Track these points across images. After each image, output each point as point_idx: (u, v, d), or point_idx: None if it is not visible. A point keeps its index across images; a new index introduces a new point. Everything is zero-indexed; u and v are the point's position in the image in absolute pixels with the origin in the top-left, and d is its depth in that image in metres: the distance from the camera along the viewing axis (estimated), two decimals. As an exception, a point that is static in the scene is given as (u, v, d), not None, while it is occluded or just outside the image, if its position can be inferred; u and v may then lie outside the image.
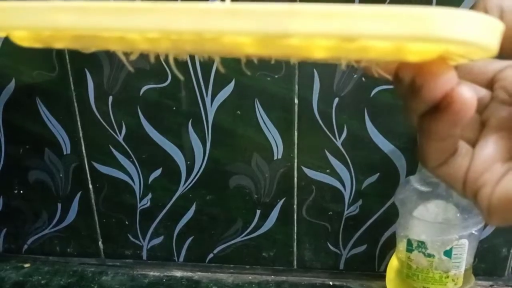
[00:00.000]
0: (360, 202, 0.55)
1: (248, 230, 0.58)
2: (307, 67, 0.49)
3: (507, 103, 0.21)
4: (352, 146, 0.52)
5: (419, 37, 0.15)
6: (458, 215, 0.48)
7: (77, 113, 0.55)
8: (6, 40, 0.51)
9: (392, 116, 0.50)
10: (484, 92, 0.21)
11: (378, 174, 0.53)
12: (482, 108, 0.21)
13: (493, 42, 0.16)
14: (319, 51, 0.17)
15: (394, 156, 0.52)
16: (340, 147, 0.52)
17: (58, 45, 0.19)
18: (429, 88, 0.18)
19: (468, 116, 0.18)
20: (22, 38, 0.18)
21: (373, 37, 0.15)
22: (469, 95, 0.18)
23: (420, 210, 0.49)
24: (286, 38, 0.15)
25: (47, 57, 0.53)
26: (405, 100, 0.19)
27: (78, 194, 0.59)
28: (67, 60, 0.52)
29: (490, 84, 0.21)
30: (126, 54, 0.20)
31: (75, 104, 0.55)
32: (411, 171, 0.52)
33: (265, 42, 0.16)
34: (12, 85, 0.54)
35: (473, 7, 0.19)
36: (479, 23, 0.15)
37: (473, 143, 0.21)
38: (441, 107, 0.18)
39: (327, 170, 0.54)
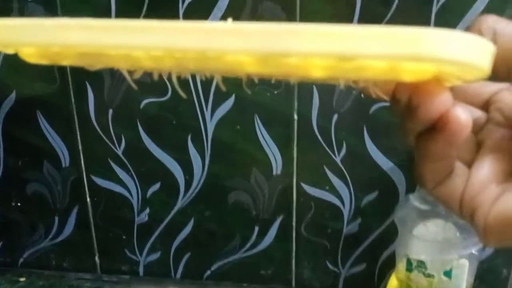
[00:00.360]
0: (359, 220, 0.54)
1: (246, 247, 0.57)
2: (306, 83, 0.49)
3: (502, 125, 0.21)
4: (351, 163, 0.52)
5: (411, 56, 0.15)
6: (457, 234, 0.48)
7: (77, 126, 0.55)
8: (8, 52, 0.52)
9: (391, 134, 0.50)
10: (479, 114, 0.22)
11: (377, 191, 0.53)
12: (478, 129, 0.22)
13: (485, 63, 0.17)
14: (317, 71, 0.17)
15: (393, 173, 0.52)
16: (339, 163, 0.52)
17: (65, 62, 0.20)
18: (425, 108, 0.18)
19: (463, 136, 0.19)
20: (30, 54, 0.19)
21: (368, 56, 0.15)
22: (464, 116, 0.18)
23: (419, 229, 0.49)
24: (286, 57, 0.16)
25: (48, 69, 0.53)
26: (402, 120, 0.20)
27: (76, 208, 0.59)
28: (68, 73, 0.53)
29: (485, 106, 0.22)
30: (130, 72, 0.21)
31: (75, 117, 0.55)
32: (410, 189, 0.52)
33: (266, 61, 0.17)
34: (12, 97, 0.55)
35: (468, 29, 0.19)
36: (469, 44, 0.16)
37: (469, 164, 0.21)
38: (437, 127, 0.19)
39: (326, 187, 0.53)
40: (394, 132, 0.50)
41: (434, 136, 0.19)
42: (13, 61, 0.52)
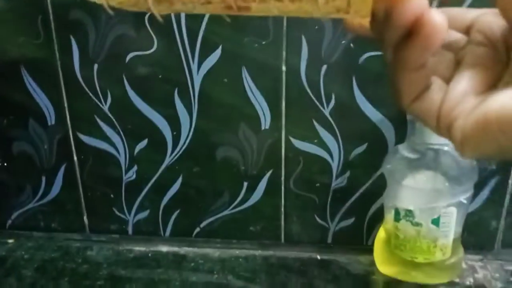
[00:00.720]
0: (348, 173, 0.54)
1: (235, 203, 0.57)
2: (295, 32, 0.49)
3: (482, 44, 0.21)
4: (340, 115, 0.52)
5: None
6: (446, 184, 0.48)
7: (62, 82, 0.54)
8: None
9: (380, 85, 0.50)
10: (460, 36, 0.22)
11: (366, 144, 0.53)
12: (458, 49, 0.22)
13: None
14: None
15: (383, 125, 0.51)
16: (328, 116, 0.52)
17: None
18: (400, 12, 0.19)
19: (438, 39, 0.19)
20: None
21: None
22: (438, 18, 0.18)
23: (408, 180, 0.49)
24: None
25: (32, 23, 0.51)
26: (381, 36, 0.20)
27: (63, 167, 0.59)
28: (52, 27, 0.51)
29: (467, 31, 0.22)
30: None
31: (60, 73, 0.54)
32: (399, 141, 0.52)
33: None
34: (-6, 51, 0.53)
35: None
36: None
37: (448, 81, 0.22)
38: (412, 33, 0.19)
39: (315, 140, 0.53)
40: (383, 83, 0.49)
41: (410, 44, 0.19)
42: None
